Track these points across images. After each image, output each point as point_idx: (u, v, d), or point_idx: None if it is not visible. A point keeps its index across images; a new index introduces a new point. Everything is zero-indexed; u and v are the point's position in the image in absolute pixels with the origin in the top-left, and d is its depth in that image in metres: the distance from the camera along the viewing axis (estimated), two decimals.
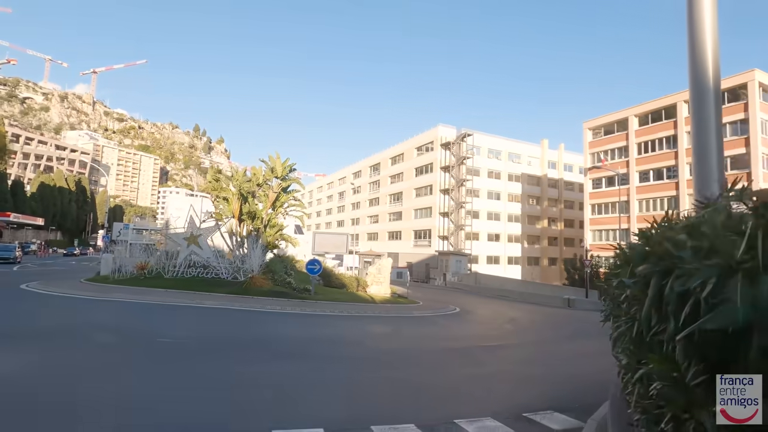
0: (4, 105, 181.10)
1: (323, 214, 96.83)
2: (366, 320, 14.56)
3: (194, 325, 11.05)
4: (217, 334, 9.84)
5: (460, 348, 10.62)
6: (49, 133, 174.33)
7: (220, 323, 11.59)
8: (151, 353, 7.54)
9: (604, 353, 10.98)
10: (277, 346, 8.94)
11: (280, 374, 6.75)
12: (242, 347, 8.66)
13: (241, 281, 17.70)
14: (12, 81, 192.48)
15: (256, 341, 9.33)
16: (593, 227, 48.95)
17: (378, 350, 9.45)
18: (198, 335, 9.60)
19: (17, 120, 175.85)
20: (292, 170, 24.30)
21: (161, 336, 8.98)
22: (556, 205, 65.26)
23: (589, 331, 16.95)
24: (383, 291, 26.85)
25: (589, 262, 32.58)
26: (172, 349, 7.96)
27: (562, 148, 66.72)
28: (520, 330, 15.93)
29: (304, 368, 7.29)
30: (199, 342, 8.81)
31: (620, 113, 47.09)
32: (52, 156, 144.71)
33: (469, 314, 20.35)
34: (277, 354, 8.32)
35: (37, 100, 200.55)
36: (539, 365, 9.17)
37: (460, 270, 48.57)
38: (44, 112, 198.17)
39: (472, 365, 8.63)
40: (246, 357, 7.87)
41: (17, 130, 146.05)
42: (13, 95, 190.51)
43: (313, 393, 5.98)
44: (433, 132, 59.79)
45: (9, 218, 54.19)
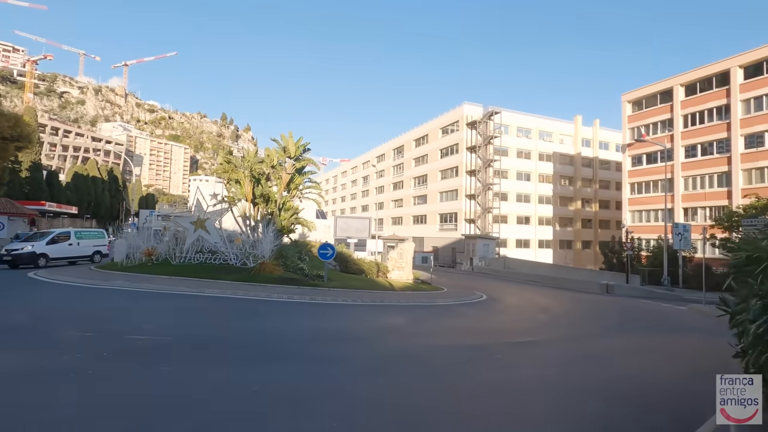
0: (44, 99, 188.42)
1: (348, 199, 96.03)
2: (381, 310, 13.17)
3: (182, 317, 9.93)
4: (202, 329, 8.62)
5: (486, 345, 9.05)
6: (86, 126, 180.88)
7: (214, 315, 10.43)
8: (107, 357, 6.35)
9: (666, 350, 9.11)
10: (267, 344, 7.63)
11: (252, 384, 5.38)
12: (225, 346, 7.39)
13: (251, 267, 16.67)
14: (50, 76, 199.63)
15: (244, 338, 8.06)
16: (632, 207, 45.66)
17: (386, 349, 8.01)
18: (179, 330, 8.42)
19: (56, 114, 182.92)
20: (306, 150, 22.96)
21: (135, 332, 7.84)
22: (591, 185, 61.65)
23: (638, 321, 14.97)
24: (405, 277, 25.43)
25: (630, 245, 29.97)
26: (135, 349, 6.75)
27: (597, 124, 62.71)
28: (554, 321, 14.16)
29: (287, 374, 5.94)
30: (177, 339, 7.61)
31: (664, 83, 43.19)
32: (89, 147, 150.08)
33: (497, 302, 18.66)
34: (261, 355, 7.00)
35: (73, 94, 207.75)
36: (585, 368, 7.49)
37: (487, 254, 46.54)
38: (80, 106, 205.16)
39: (499, 369, 7.07)
40: (222, 358, 6.60)
41: (56, 123, 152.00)
42: (51, 90, 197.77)
43: (286, 411, 4.59)
44: (458, 111, 57.18)
45: (44, 207, 55.73)
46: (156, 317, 9.65)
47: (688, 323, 14.84)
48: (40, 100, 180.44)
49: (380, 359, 7.09)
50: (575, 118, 61.62)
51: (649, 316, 16.85)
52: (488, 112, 53.83)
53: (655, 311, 18.42)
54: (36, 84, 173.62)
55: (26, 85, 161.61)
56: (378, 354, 7.47)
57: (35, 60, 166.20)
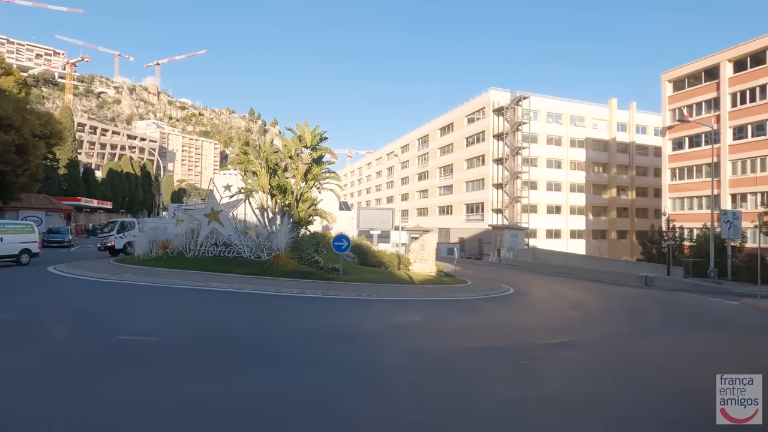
0: (83, 100, 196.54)
1: (373, 191, 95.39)
2: (396, 306, 12.30)
3: (178, 314, 9.35)
4: (194, 328, 7.94)
5: (509, 347, 8.02)
6: (122, 124, 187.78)
7: (212, 312, 9.81)
8: (89, 357, 5.77)
9: (728, 355, 7.78)
10: (260, 345, 6.89)
11: (221, 400, 4.60)
12: (213, 347, 6.69)
13: (264, 260, 16.14)
14: (88, 78, 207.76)
15: (237, 337, 7.34)
16: (673, 194, 42.75)
17: (393, 352, 7.12)
18: (171, 329, 7.79)
19: (95, 113, 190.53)
20: (323, 139, 22.21)
21: (125, 331, 7.29)
22: (627, 171, 58.41)
23: (685, 318, 13.46)
24: (428, 269, 24.47)
25: (672, 234, 27.79)
26: (114, 352, 6.14)
27: (633, 107, 59.17)
28: (587, 318, 12.89)
29: (268, 384, 5.14)
30: (166, 339, 6.99)
31: (709, 59, 39.88)
32: (125, 145, 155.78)
33: (525, 296, 17.43)
34: (250, 358, 6.25)
35: (110, 94, 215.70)
36: (628, 381, 6.36)
37: (516, 245, 44.80)
38: (116, 105, 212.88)
39: (523, 380, 6.05)
40: (203, 364, 5.88)
41: (95, 122, 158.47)
42: (89, 91, 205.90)
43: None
44: (484, 97, 55.13)
45: (79, 202, 57.83)
46: (152, 314, 9.14)
47: (745, 321, 13.25)
48: (79, 100, 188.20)
49: (383, 366, 6.21)
50: (610, 102, 58.34)
51: (697, 312, 15.25)
52: (516, 98, 51.60)
53: (703, 306, 16.73)
54: (75, 85, 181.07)
55: (66, 86, 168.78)
56: (382, 359, 6.59)
57: (73, 62, 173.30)
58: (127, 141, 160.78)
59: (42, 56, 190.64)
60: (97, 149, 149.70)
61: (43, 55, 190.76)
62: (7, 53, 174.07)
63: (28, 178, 34.29)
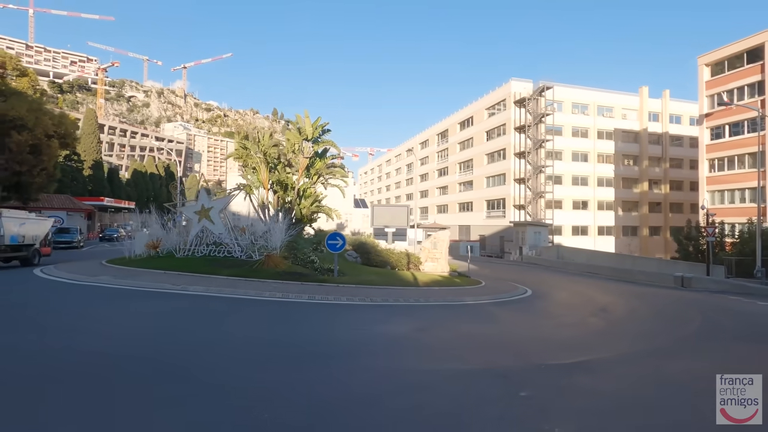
0: (114, 104, 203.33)
1: (392, 188, 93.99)
2: (389, 312, 10.88)
3: (123, 326, 8.15)
4: (124, 347, 6.59)
5: (511, 369, 6.50)
6: (151, 127, 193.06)
7: (167, 322, 8.50)
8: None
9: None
10: (184, 375, 5.55)
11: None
12: (121, 377, 5.40)
13: (255, 261, 15.03)
14: (119, 82, 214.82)
15: (166, 362, 6.04)
16: (712, 187, 39.52)
17: (355, 380, 5.73)
18: (93, 348, 6.52)
19: (125, 117, 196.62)
20: (326, 131, 20.96)
21: (70, 347, 6.18)
22: (660, 164, 54.88)
23: (732, 328, 11.49)
24: (440, 269, 22.90)
25: (712, 230, 25.21)
26: (31, 381, 4.99)
27: (666, 95, 55.50)
28: (614, 328, 11.12)
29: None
30: (71, 363, 5.75)
31: (752, 38, 36.51)
32: (153, 147, 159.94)
33: (543, 300, 15.69)
34: (175, 389, 4.98)
35: (139, 98, 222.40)
36: (668, 419, 4.77)
37: (538, 243, 42.51)
38: (146, 108, 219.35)
39: (519, 422, 4.55)
40: (107, 400, 4.65)
41: (125, 125, 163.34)
42: (120, 95, 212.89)
43: None
44: (505, 89, 52.78)
45: (103, 202, 58.88)
46: (91, 326, 7.99)
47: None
48: (111, 105, 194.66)
49: (329, 403, 4.80)
50: (641, 90, 54.90)
51: (746, 319, 13.18)
52: (539, 88, 49.06)
53: (753, 313, 14.58)
54: (107, 90, 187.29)
55: (98, 91, 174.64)
56: (332, 391, 5.18)
57: (104, 68, 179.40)
58: (155, 143, 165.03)
59: (76, 63, 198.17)
60: (127, 151, 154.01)
61: (77, 62, 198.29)
62: (44, 61, 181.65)
63: (45, 178, 34.54)
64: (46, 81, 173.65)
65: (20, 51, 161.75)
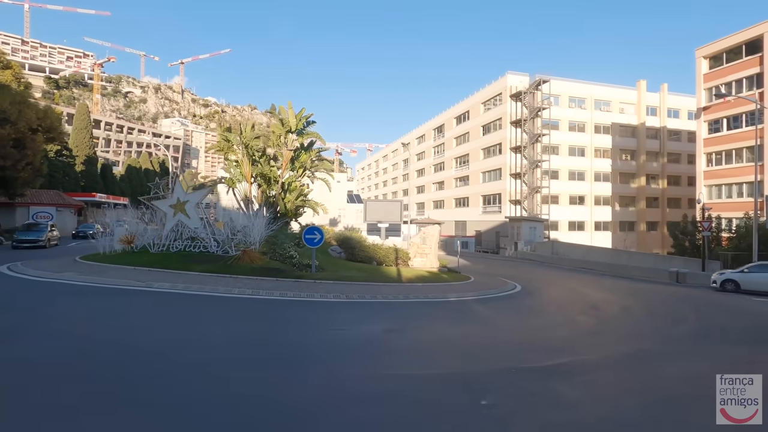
0: (111, 100, 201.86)
1: (389, 184, 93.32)
2: (364, 311, 10.31)
3: (84, 326, 7.56)
4: (72, 350, 6.11)
5: (479, 374, 5.94)
6: (148, 122, 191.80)
7: (123, 320, 8.02)
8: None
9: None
10: (108, 379, 5.00)
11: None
12: (51, 377, 4.85)
13: (231, 256, 14.45)
14: (115, 78, 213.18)
15: (93, 363, 5.48)
16: (709, 182, 38.92)
17: (312, 384, 5.16)
18: (55, 349, 5.99)
19: (122, 113, 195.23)
20: (310, 123, 20.32)
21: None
22: (657, 158, 54.26)
23: (728, 326, 10.92)
24: (429, 264, 22.36)
25: (708, 225, 24.65)
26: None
27: (665, 89, 54.82)
28: (603, 326, 10.57)
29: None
30: (30, 365, 5.20)
31: (750, 30, 35.79)
32: (151, 143, 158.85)
33: (532, 297, 15.14)
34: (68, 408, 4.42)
35: (136, 94, 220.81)
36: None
37: (534, 238, 41.97)
38: (143, 104, 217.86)
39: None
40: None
41: (122, 121, 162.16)
42: (117, 91, 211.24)
43: None
44: (500, 83, 52.04)
45: (94, 198, 58.15)
46: (60, 324, 7.41)
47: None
48: (108, 100, 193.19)
49: (256, 419, 4.23)
50: (638, 84, 54.20)
51: (741, 317, 12.61)
52: (535, 82, 48.33)
53: (749, 310, 14.02)
54: (104, 86, 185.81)
55: (94, 87, 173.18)
56: (263, 407, 4.59)
57: (100, 63, 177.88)
58: (152, 139, 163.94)
59: (72, 58, 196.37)
60: (124, 147, 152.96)
61: (73, 58, 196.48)
62: (40, 56, 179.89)
63: (30, 173, 33.82)
64: (42, 76, 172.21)
65: (16, 46, 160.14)
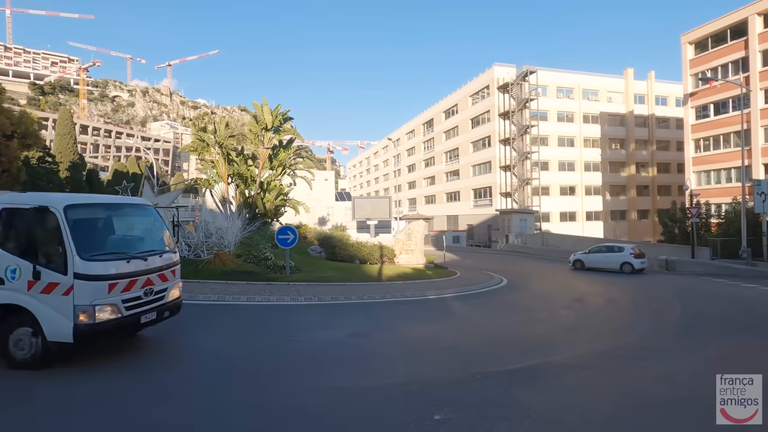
0: (98, 105, 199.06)
1: (381, 180, 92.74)
2: (338, 312, 9.83)
3: None
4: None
5: (439, 381, 5.46)
6: (137, 126, 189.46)
7: None
8: None
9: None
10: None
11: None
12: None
13: (203, 260, 13.89)
14: (102, 82, 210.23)
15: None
16: (697, 168, 38.77)
17: (251, 401, 4.66)
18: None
19: (110, 117, 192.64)
20: (287, 120, 19.72)
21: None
22: (646, 146, 54.13)
23: (716, 315, 10.52)
24: (415, 261, 21.89)
25: (697, 211, 24.37)
26: None
27: (652, 76, 54.61)
28: (584, 322, 10.14)
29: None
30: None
31: (736, 14, 35.54)
32: (140, 147, 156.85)
33: (516, 291, 14.72)
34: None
35: (124, 98, 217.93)
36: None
37: (525, 230, 41.66)
38: (131, 108, 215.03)
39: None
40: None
41: (110, 126, 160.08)
42: (104, 95, 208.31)
43: None
44: (487, 75, 51.58)
45: None
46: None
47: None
48: (95, 105, 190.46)
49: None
50: (625, 72, 53.94)
51: (730, 305, 12.26)
52: (522, 73, 47.89)
53: (737, 297, 13.69)
54: (90, 90, 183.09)
55: (80, 92, 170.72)
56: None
57: (86, 68, 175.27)
58: (142, 143, 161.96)
59: (57, 64, 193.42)
60: (113, 152, 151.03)
61: (58, 63, 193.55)
62: (24, 63, 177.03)
63: (6, 180, 32.91)
64: (27, 83, 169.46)
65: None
